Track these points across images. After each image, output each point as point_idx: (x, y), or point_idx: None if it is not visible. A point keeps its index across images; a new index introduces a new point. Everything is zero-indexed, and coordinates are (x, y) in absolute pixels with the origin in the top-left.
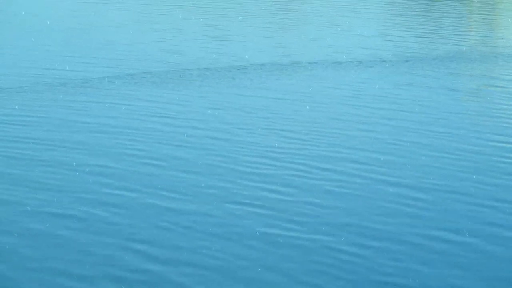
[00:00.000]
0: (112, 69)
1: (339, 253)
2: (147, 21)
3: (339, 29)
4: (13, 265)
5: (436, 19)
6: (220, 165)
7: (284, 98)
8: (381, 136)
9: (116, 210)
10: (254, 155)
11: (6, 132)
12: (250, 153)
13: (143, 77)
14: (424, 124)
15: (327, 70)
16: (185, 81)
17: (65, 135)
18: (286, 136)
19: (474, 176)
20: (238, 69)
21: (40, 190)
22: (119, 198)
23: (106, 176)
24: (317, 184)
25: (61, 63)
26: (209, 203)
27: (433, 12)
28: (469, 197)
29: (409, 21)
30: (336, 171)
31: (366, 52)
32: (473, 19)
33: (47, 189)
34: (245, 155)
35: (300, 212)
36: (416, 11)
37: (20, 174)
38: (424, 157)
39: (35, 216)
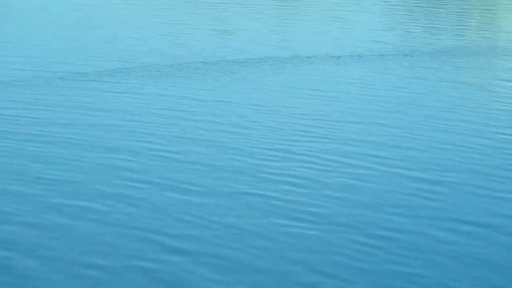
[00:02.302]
0: (114, 63)
1: (359, 245)
2: (149, 15)
3: (341, 23)
4: (37, 257)
5: (438, 12)
6: (230, 158)
7: (286, 91)
8: (386, 128)
9: (129, 203)
10: (263, 147)
11: (13, 125)
12: (258, 145)
13: (144, 71)
14: (430, 117)
15: (329, 64)
16: (186, 75)
17: (70, 129)
18: (293, 128)
19: (487, 168)
20: (239, 63)
21: (57, 185)
22: (134, 191)
23: (117, 169)
24: (330, 176)
25: (63, 57)
26: (223, 195)
27: (435, 5)
28: (484, 189)
29: (411, 14)
30: (345, 163)
31: (368, 46)
32: (475, 12)
33: (63, 184)
34: (253, 147)
35: (317, 204)
36: (418, 5)
37: (29, 169)
38: (436, 150)
39: (55, 209)
